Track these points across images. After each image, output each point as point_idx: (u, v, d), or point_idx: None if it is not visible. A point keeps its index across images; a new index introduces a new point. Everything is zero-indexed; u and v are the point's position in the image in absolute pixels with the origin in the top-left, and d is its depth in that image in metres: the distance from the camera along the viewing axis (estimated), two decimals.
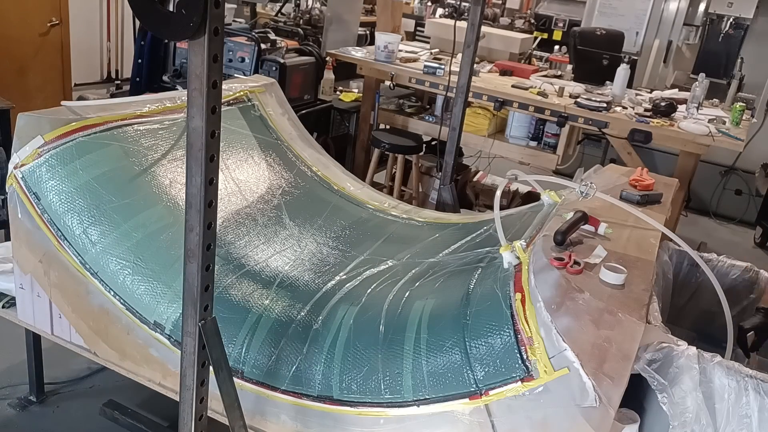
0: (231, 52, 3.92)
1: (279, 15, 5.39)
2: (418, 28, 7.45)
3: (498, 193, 2.17)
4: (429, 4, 7.50)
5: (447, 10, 6.78)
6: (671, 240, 1.99)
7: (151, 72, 4.21)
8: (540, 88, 3.98)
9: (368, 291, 2.09)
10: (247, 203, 2.44)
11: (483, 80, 4.10)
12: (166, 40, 4.03)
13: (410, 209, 2.80)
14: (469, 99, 3.51)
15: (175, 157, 2.34)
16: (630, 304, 1.53)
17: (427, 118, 4.37)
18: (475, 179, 4.69)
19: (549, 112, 3.83)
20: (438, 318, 1.84)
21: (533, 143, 4.08)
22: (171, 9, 1.32)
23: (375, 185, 3.90)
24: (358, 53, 4.45)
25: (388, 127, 4.46)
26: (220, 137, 1.44)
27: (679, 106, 3.84)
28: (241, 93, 2.78)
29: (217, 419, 1.86)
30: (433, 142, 4.45)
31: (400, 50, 4.48)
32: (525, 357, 1.60)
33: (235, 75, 3.74)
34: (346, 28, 4.81)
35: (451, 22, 4.59)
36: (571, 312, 1.56)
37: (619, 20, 5.56)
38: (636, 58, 5.29)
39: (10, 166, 2.11)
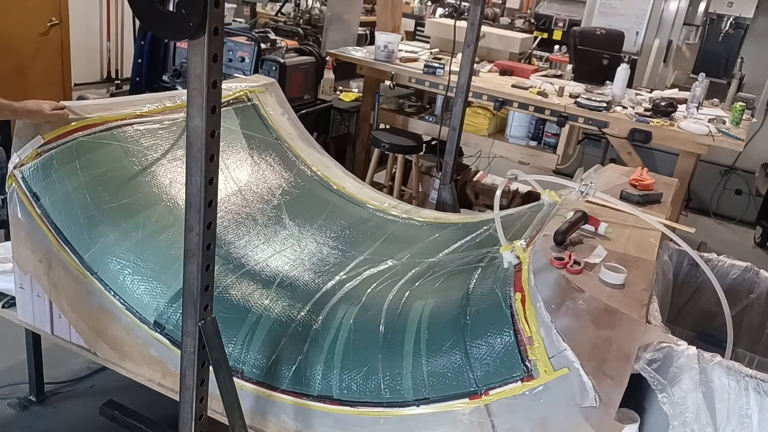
0: (231, 52, 3.92)
1: (279, 15, 5.38)
2: (418, 28, 7.44)
3: (498, 193, 2.17)
4: (429, 3, 7.50)
5: (447, 9, 6.79)
6: (671, 240, 1.99)
7: (151, 72, 4.21)
8: (540, 87, 3.98)
9: (368, 291, 2.09)
10: (247, 203, 2.44)
11: (483, 80, 4.10)
12: (166, 40, 4.03)
13: (410, 209, 2.80)
14: (469, 99, 3.51)
15: (174, 157, 2.34)
16: (630, 304, 1.53)
17: (427, 118, 4.37)
18: (475, 179, 4.68)
19: (549, 111, 3.82)
20: (438, 318, 1.84)
21: (533, 143, 4.08)
22: (171, 9, 1.32)
23: (375, 185, 3.90)
24: (358, 53, 4.45)
25: (388, 126, 4.45)
26: (220, 137, 1.44)
27: (679, 105, 3.84)
28: (241, 93, 2.78)
29: (217, 419, 1.86)
30: (433, 142, 4.44)
31: (400, 50, 4.47)
32: (525, 357, 1.60)
33: (235, 75, 3.74)
34: (346, 27, 4.81)
35: (451, 21, 4.59)
36: (571, 312, 1.56)
37: (619, 20, 5.55)
38: (636, 57, 5.28)
39: (10, 166, 2.11)
